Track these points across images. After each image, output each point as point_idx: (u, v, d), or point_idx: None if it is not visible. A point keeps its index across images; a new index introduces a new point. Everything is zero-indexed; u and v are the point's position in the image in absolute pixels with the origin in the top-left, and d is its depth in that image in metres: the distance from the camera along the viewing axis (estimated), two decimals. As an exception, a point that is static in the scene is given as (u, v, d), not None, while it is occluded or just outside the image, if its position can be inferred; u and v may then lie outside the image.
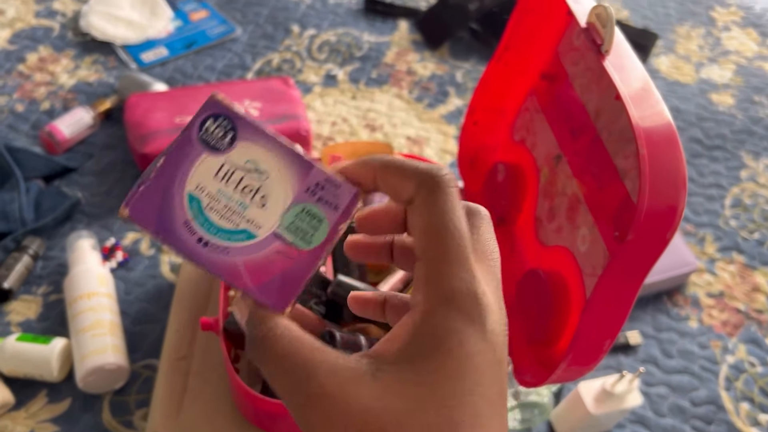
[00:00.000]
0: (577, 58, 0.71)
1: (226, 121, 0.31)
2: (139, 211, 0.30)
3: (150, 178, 0.30)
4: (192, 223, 0.30)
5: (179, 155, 0.31)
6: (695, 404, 0.87)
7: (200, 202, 0.30)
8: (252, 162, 0.30)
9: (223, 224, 0.30)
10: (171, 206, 0.30)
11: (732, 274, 1.01)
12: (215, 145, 0.30)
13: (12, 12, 1.32)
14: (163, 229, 0.30)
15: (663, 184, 0.53)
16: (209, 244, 0.30)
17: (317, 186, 0.30)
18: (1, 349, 0.81)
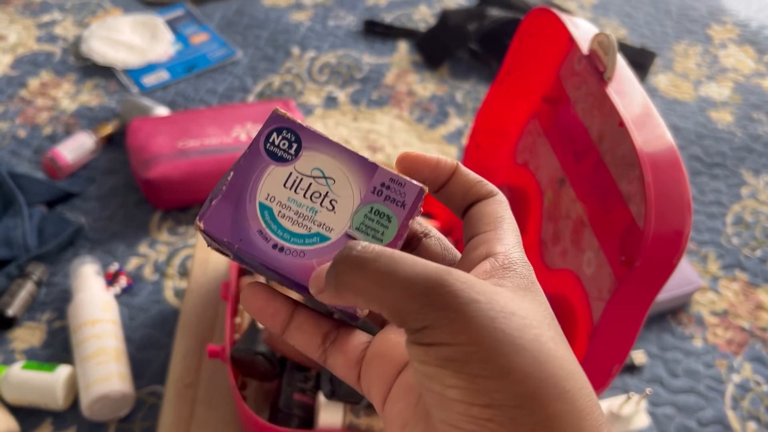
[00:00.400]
0: (578, 82, 0.71)
1: (289, 133, 0.32)
2: (214, 224, 0.32)
3: (222, 192, 0.32)
4: (265, 230, 0.31)
5: (248, 168, 0.32)
6: (702, 424, 0.87)
7: (272, 211, 0.32)
8: (318, 169, 0.32)
9: (296, 229, 0.31)
10: (244, 217, 0.31)
11: (735, 293, 1.01)
12: (282, 156, 0.32)
13: (14, 37, 1.33)
14: (238, 239, 0.31)
15: (668, 210, 0.54)
16: (285, 249, 0.31)
17: (383, 186, 0.32)
18: (6, 377, 0.81)
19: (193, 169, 1.01)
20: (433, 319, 0.24)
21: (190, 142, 1.04)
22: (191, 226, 1.03)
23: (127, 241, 1.01)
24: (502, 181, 0.86)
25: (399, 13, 1.47)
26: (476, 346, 0.24)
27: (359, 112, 1.24)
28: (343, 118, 1.22)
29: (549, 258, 0.76)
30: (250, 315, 0.32)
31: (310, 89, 1.27)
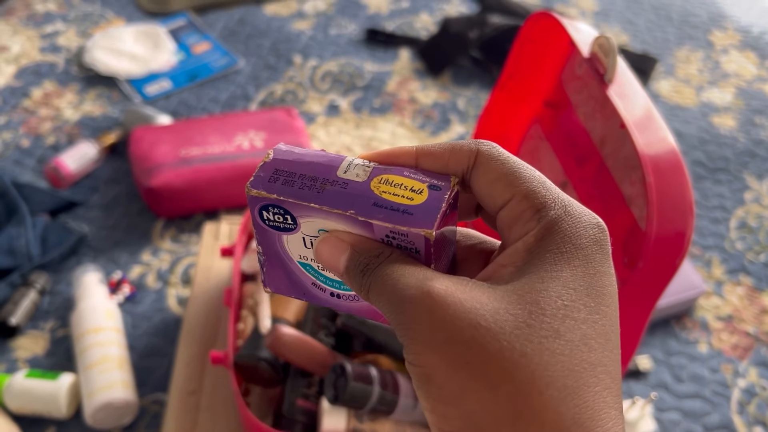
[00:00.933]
0: (580, 86, 0.71)
1: (275, 208, 0.30)
2: (276, 285, 0.33)
3: (264, 260, 0.32)
4: (318, 282, 0.32)
5: (267, 240, 0.31)
6: (708, 429, 0.86)
7: (312, 266, 0.31)
8: (323, 230, 0.30)
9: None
10: (295, 275, 0.32)
11: (740, 297, 1.01)
12: (285, 227, 0.30)
13: (17, 48, 1.34)
14: (301, 293, 0.32)
15: (671, 211, 0.54)
16: (341, 296, 0.31)
17: (388, 237, 0.29)
18: (9, 386, 0.81)
19: (196, 177, 1.02)
20: (408, 338, 0.24)
21: (193, 150, 1.04)
22: (194, 234, 1.03)
23: (129, 249, 1.01)
24: (504, 186, 0.86)
25: (400, 21, 1.47)
26: (433, 369, 0.23)
27: (361, 120, 1.24)
28: (346, 126, 1.23)
29: (552, 262, 0.76)
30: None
31: (313, 97, 1.28)
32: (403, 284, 0.25)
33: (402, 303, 0.25)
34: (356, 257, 0.28)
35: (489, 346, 0.23)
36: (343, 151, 1.17)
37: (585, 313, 0.24)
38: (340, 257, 0.28)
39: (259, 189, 0.30)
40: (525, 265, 0.25)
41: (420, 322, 0.24)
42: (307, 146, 1.08)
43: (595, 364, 0.24)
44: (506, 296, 0.24)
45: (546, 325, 0.23)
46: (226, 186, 1.03)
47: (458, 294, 0.24)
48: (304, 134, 1.10)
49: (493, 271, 0.26)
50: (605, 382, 0.24)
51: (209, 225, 0.97)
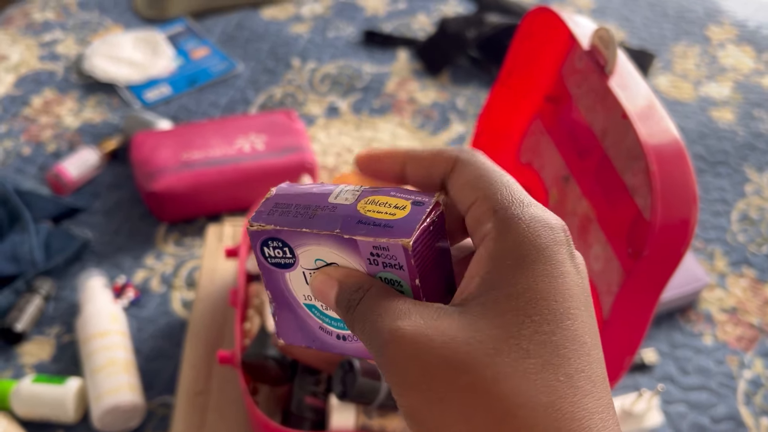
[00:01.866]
0: (580, 80, 0.72)
1: (275, 241, 0.31)
2: (287, 336, 0.33)
3: (274, 308, 0.33)
4: (324, 326, 0.32)
5: (272, 283, 0.32)
6: (715, 421, 0.86)
7: (317, 307, 0.32)
8: (320, 260, 0.31)
9: None
10: (303, 320, 0.32)
11: (743, 289, 1.01)
12: (285, 263, 0.31)
13: (16, 57, 1.34)
14: (311, 341, 0.33)
15: (674, 199, 0.54)
16: (347, 337, 0.32)
17: (373, 255, 0.29)
18: (17, 391, 0.81)
19: (198, 180, 1.02)
20: (385, 379, 0.26)
21: (194, 153, 1.05)
22: (197, 237, 1.03)
23: (133, 254, 1.01)
24: (506, 182, 0.86)
25: (398, 22, 1.48)
26: (413, 406, 0.24)
27: (361, 121, 1.24)
28: (346, 128, 1.23)
29: (556, 256, 0.76)
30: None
31: (312, 100, 1.28)
32: (378, 326, 0.26)
33: (379, 347, 0.25)
34: (342, 294, 0.28)
35: (460, 379, 0.23)
36: (344, 152, 1.18)
37: (553, 324, 0.24)
38: (330, 293, 0.29)
39: (258, 222, 0.31)
40: (488, 274, 0.25)
41: (395, 363, 0.25)
42: (307, 148, 1.08)
43: (572, 374, 0.24)
44: (474, 322, 0.24)
45: (515, 347, 0.23)
46: (228, 189, 1.03)
47: (427, 331, 0.24)
48: (304, 136, 1.10)
49: (465, 286, 0.26)
50: (585, 388, 0.24)
51: (212, 227, 0.97)
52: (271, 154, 1.06)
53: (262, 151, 1.06)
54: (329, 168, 1.15)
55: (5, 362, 0.88)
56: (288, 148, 1.07)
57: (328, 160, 1.16)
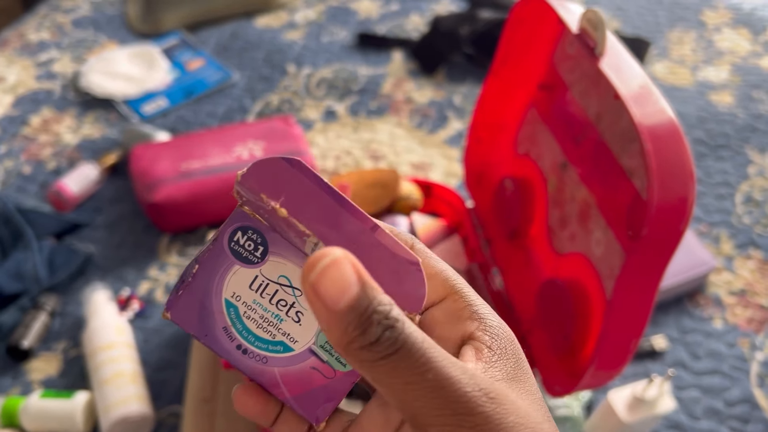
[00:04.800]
0: (572, 66, 0.71)
1: (255, 234, 0.29)
2: (181, 315, 0.30)
3: (187, 283, 0.30)
4: (230, 329, 0.30)
5: (213, 264, 0.30)
6: (729, 404, 0.85)
7: (237, 309, 0.30)
8: (285, 277, 0.30)
9: (261, 334, 0.30)
10: (210, 311, 0.30)
11: (751, 271, 1.00)
12: (247, 257, 0.30)
13: (13, 78, 1.35)
14: (203, 333, 0.30)
15: (671, 178, 0.53)
16: (248, 351, 0.30)
17: None
18: (25, 407, 0.81)
19: (198, 189, 1.02)
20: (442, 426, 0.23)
21: (193, 163, 1.05)
22: (200, 246, 1.03)
23: (137, 266, 1.01)
24: (504, 174, 0.86)
25: (391, 24, 1.48)
26: None
27: (359, 123, 1.24)
28: (344, 130, 1.23)
29: (558, 243, 0.75)
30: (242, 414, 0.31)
31: (309, 104, 1.28)
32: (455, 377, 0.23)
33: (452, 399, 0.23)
34: (374, 302, 0.22)
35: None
36: (343, 155, 1.17)
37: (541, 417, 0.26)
38: (350, 290, 0.22)
39: (256, 211, 0.29)
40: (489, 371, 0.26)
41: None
42: (306, 152, 1.08)
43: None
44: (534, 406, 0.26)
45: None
46: (228, 197, 1.03)
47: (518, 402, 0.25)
48: (302, 141, 1.10)
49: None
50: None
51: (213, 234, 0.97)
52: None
53: (260, 158, 1.06)
54: (329, 171, 1.15)
55: (13, 379, 0.88)
56: (287, 154, 1.07)
57: (328, 164, 1.16)
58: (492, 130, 0.86)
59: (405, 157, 1.17)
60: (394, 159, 1.17)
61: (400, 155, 1.18)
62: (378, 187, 0.86)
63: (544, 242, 0.78)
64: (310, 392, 0.30)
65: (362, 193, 0.86)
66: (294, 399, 0.30)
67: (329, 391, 0.30)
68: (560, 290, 0.70)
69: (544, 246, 0.78)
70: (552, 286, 0.72)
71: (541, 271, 0.77)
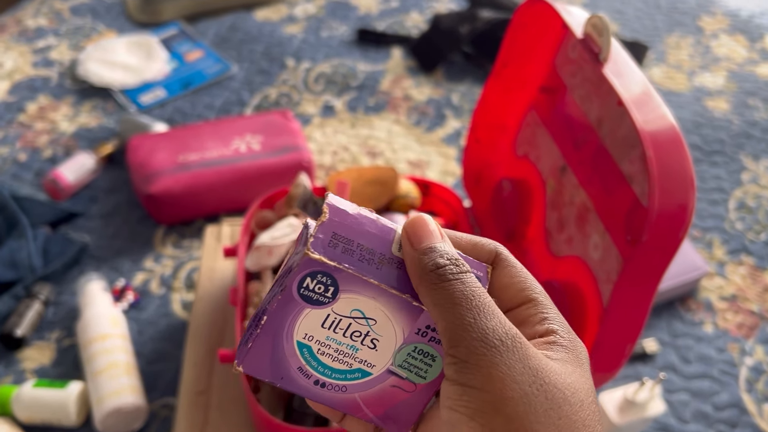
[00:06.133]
0: (574, 69, 0.72)
1: (325, 276, 0.30)
2: (253, 366, 0.31)
3: (257, 335, 0.30)
4: (306, 367, 0.31)
5: (282, 312, 0.30)
6: (718, 408, 0.86)
7: (311, 348, 0.31)
8: (358, 311, 0.30)
9: (337, 366, 0.31)
10: (283, 356, 0.31)
11: (743, 277, 1.01)
12: (318, 300, 0.30)
13: (10, 64, 1.34)
14: (278, 377, 0.31)
15: (672, 185, 0.54)
16: (327, 384, 0.31)
17: (428, 328, 0.31)
18: (18, 396, 0.81)
19: (195, 182, 1.02)
20: (477, 361, 0.26)
21: (191, 155, 1.05)
22: (195, 239, 1.03)
23: (132, 257, 1.01)
24: (503, 175, 0.87)
25: (391, 20, 1.48)
26: (509, 401, 0.26)
27: (357, 119, 1.24)
28: (341, 126, 1.23)
29: (555, 246, 0.76)
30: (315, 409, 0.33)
31: (307, 99, 1.28)
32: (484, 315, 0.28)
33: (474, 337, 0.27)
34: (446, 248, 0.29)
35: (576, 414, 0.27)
36: (340, 151, 1.18)
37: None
38: (432, 237, 0.30)
39: (320, 253, 0.29)
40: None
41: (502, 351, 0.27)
42: (304, 147, 1.08)
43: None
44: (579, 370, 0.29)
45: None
46: (226, 189, 1.03)
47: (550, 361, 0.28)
48: (300, 136, 1.10)
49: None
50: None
51: (211, 227, 0.97)
52: (268, 154, 1.06)
53: (258, 151, 1.06)
54: (326, 167, 1.15)
55: (6, 368, 0.88)
56: (284, 148, 1.07)
57: (325, 159, 1.16)
58: (491, 131, 0.86)
59: (402, 155, 1.17)
60: (392, 156, 1.17)
61: (397, 152, 1.18)
62: (377, 185, 0.86)
63: (541, 244, 0.78)
64: (393, 408, 0.32)
65: (361, 190, 0.87)
66: (378, 418, 0.32)
67: (411, 404, 0.32)
68: (556, 293, 0.71)
69: (541, 248, 0.78)
70: (548, 289, 0.72)
71: (538, 274, 0.78)
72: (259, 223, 0.85)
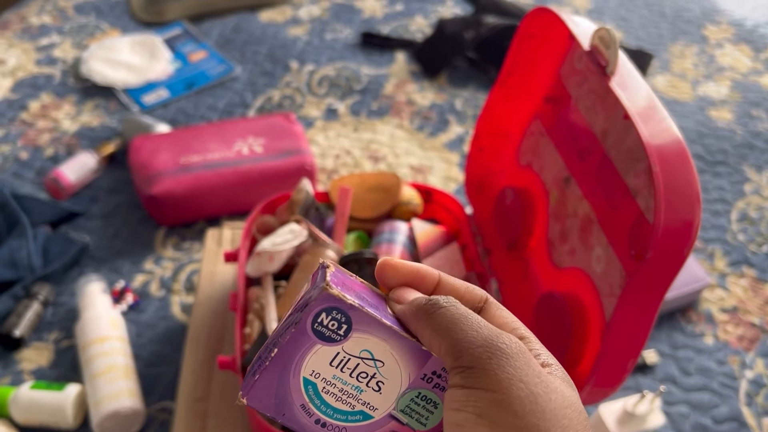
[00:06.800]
0: (580, 80, 0.71)
1: (339, 314, 0.30)
2: (257, 399, 0.31)
3: (265, 367, 0.31)
4: (308, 405, 0.31)
5: (293, 346, 0.31)
6: (717, 422, 0.86)
7: (316, 386, 0.31)
8: (368, 351, 0.31)
9: (340, 406, 0.31)
10: (287, 391, 0.31)
11: (744, 289, 1.01)
12: (330, 336, 0.31)
13: (13, 61, 1.34)
14: (281, 413, 0.31)
15: (678, 201, 0.54)
16: (327, 425, 0.31)
17: (434, 374, 0.31)
18: (15, 398, 0.81)
19: (197, 183, 1.01)
20: (482, 365, 0.27)
21: (193, 157, 1.04)
22: (196, 241, 1.03)
23: (132, 258, 1.01)
24: (506, 184, 0.86)
25: (395, 24, 1.47)
26: (517, 399, 0.27)
27: (360, 123, 1.24)
28: (344, 129, 1.23)
29: (557, 257, 0.75)
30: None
31: (310, 102, 1.28)
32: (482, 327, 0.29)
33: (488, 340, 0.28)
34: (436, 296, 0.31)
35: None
36: (343, 154, 1.17)
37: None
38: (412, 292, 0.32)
39: (339, 289, 0.30)
40: None
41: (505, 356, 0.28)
42: (306, 151, 1.07)
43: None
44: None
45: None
46: (227, 192, 1.03)
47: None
48: (303, 139, 1.10)
49: None
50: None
51: (211, 231, 0.97)
52: (270, 157, 1.06)
53: (261, 154, 1.06)
54: (328, 170, 1.15)
55: (3, 368, 0.88)
56: (287, 151, 1.07)
57: (327, 163, 1.16)
58: (495, 140, 0.86)
59: (404, 159, 1.17)
60: (394, 161, 1.17)
61: (399, 157, 1.18)
62: (380, 192, 0.86)
63: (544, 255, 0.78)
64: None
65: (363, 196, 0.86)
66: None
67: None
68: (558, 304, 0.71)
69: (543, 259, 0.78)
70: (550, 300, 0.72)
71: (540, 285, 0.78)
72: (260, 228, 0.85)
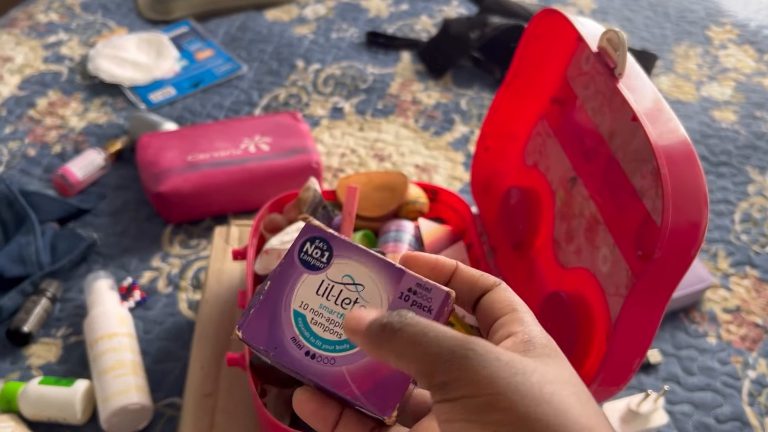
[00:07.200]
0: (587, 81, 0.72)
1: (322, 242, 0.34)
2: (252, 333, 0.33)
3: (259, 302, 0.33)
4: (299, 338, 0.33)
5: (283, 278, 0.33)
6: (720, 421, 0.87)
7: (305, 318, 0.33)
8: (348, 276, 0.33)
9: (327, 336, 0.33)
10: (279, 325, 0.33)
11: (747, 289, 1.01)
12: (314, 264, 0.33)
13: (21, 59, 1.34)
14: (273, 347, 0.33)
15: (685, 202, 0.54)
16: (316, 356, 0.33)
17: (410, 291, 0.33)
18: (24, 392, 0.81)
19: (204, 181, 1.02)
20: (456, 375, 0.27)
21: (200, 155, 1.05)
22: (203, 238, 1.03)
23: (139, 255, 1.01)
24: (511, 184, 0.87)
25: (401, 23, 1.48)
26: (500, 395, 0.27)
27: (365, 122, 1.25)
28: (350, 128, 1.23)
29: (563, 257, 0.76)
30: (301, 418, 0.33)
31: (316, 101, 1.28)
32: (449, 336, 0.28)
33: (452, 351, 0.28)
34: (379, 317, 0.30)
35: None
36: (348, 153, 1.18)
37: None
38: (368, 317, 0.31)
39: (320, 222, 0.34)
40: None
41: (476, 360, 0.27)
42: (312, 149, 1.08)
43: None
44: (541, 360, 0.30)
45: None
46: (234, 190, 1.04)
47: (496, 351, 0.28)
48: (309, 138, 1.11)
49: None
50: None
51: (219, 229, 0.98)
52: (277, 156, 1.06)
53: (267, 153, 1.07)
54: (333, 169, 1.15)
55: (12, 364, 0.89)
56: (293, 150, 1.08)
57: (333, 161, 1.17)
58: (501, 140, 0.87)
59: (409, 159, 1.18)
60: (399, 160, 1.18)
61: (404, 156, 1.18)
62: (386, 190, 0.86)
63: (549, 255, 0.79)
64: (378, 384, 0.32)
65: (370, 195, 0.87)
66: (363, 395, 0.32)
67: (396, 379, 0.32)
68: (563, 304, 0.71)
69: (548, 258, 0.79)
70: (555, 300, 0.73)
71: (545, 284, 0.78)
72: (267, 226, 0.86)
